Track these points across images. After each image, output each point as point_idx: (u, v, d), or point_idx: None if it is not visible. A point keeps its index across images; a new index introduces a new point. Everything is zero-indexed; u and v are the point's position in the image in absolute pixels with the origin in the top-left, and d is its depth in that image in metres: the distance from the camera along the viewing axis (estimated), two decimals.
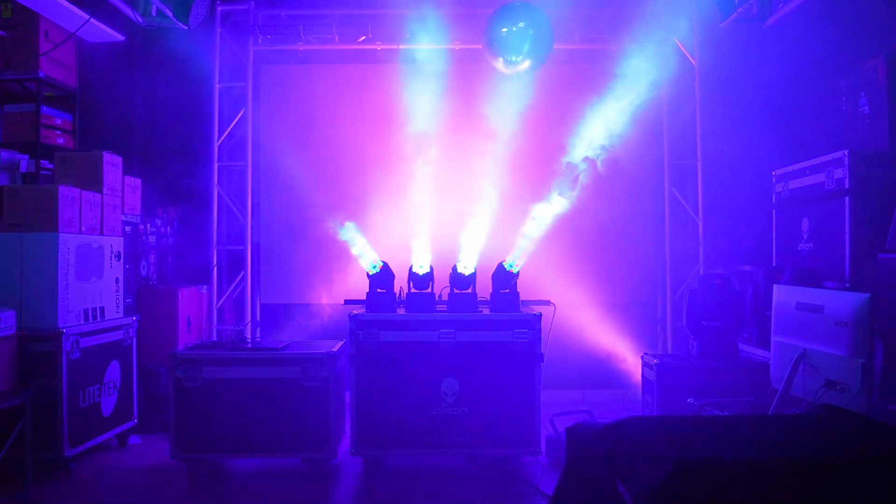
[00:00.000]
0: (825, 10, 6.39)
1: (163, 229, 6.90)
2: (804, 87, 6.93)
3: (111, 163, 5.87)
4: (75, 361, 5.15)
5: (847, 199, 4.79)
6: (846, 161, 4.80)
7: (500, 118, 6.93)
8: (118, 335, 5.75)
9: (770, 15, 6.36)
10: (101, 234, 5.67)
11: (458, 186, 6.68)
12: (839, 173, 4.89)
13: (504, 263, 5.42)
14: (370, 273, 5.42)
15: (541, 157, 6.91)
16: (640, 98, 7.21)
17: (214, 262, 7.14)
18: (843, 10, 6.22)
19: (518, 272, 5.41)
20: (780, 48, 6.98)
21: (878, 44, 5.52)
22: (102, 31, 6.52)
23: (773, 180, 5.89)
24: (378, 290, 5.39)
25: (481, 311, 5.29)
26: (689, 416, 3.91)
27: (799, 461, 2.17)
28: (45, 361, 5.01)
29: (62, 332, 5.03)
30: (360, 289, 5.48)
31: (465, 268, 5.38)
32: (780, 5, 6.21)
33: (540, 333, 5.14)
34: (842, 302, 3.31)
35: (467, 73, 7.02)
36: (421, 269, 5.39)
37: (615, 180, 7.09)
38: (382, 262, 5.46)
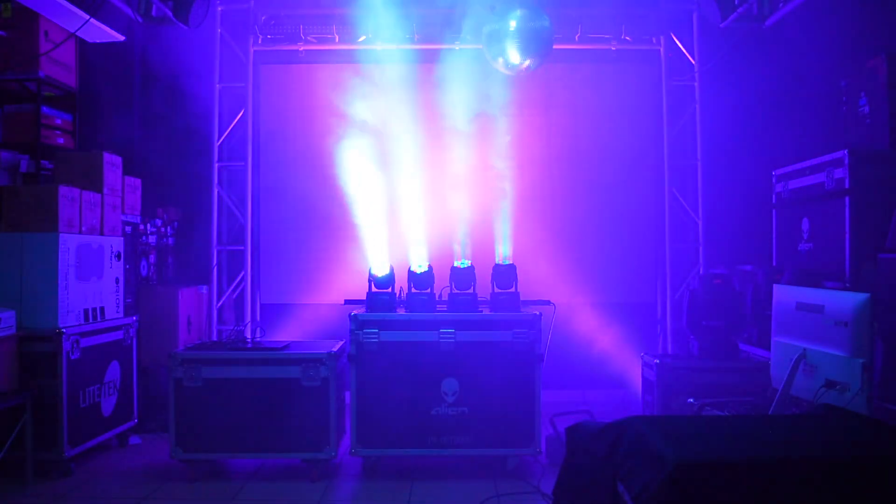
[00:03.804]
0: (825, 10, 6.39)
1: (163, 229, 6.90)
2: (804, 87, 6.92)
3: (111, 163, 5.87)
4: (75, 361, 5.15)
5: (847, 198, 4.78)
6: (846, 161, 4.79)
7: (501, 117, 6.92)
8: (118, 335, 5.75)
9: (770, 15, 6.37)
10: (102, 234, 5.67)
11: (460, 184, 6.67)
12: (839, 173, 4.88)
13: (503, 261, 5.42)
14: (374, 274, 5.40)
15: (541, 155, 6.93)
16: (640, 97, 7.24)
17: (215, 262, 7.14)
18: (843, 9, 6.21)
19: (516, 271, 5.40)
20: (780, 48, 6.97)
21: (879, 43, 5.51)
22: (102, 32, 6.51)
23: (774, 180, 5.88)
24: (378, 289, 5.39)
25: (481, 311, 5.28)
26: (690, 416, 3.91)
27: (799, 461, 2.17)
28: (45, 361, 5.01)
29: (62, 332, 5.03)
30: (361, 289, 5.48)
31: (463, 262, 5.36)
32: (780, 5, 6.21)
33: (540, 333, 5.14)
34: (842, 302, 3.30)
35: (468, 73, 7.01)
36: (420, 268, 5.39)
37: (615, 180, 7.12)
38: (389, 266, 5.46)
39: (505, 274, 5.40)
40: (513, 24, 5.83)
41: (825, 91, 6.20)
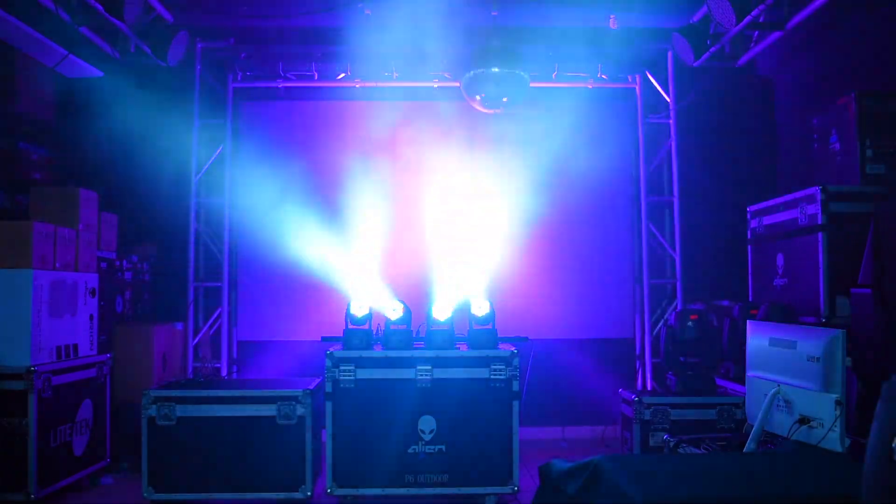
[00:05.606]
0: (796, 49, 6.52)
1: (139, 265, 6.85)
2: (778, 124, 7.04)
3: (87, 198, 5.83)
4: (47, 399, 5.06)
5: (820, 234, 4.84)
6: (819, 197, 4.86)
7: (479, 153, 6.99)
8: (91, 373, 5.67)
9: (742, 55, 6.48)
10: (76, 270, 5.61)
11: (439, 220, 6.73)
12: (812, 209, 4.95)
13: (482, 299, 5.40)
14: (351, 311, 5.36)
15: (519, 190, 6.96)
16: (617, 134, 7.32)
17: (192, 299, 7.08)
18: (813, 49, 6.35)
19: (494, 308, 5.38)
20: (753, 86, 7.11)
21: (849, 82, 5.62)
22: (81, 67, 6.52)
23: (749, 216, 5.95)
24: (355, 326, 5.35)
25: (458, 348, 5.26)
26: (662, 454, 3.89)
27: (766, 500, 2.16)
28: (15, 399, 4.91)
29: (34, 369, 4.95)
30: (338, 325, 5.44)
31: (442, 311, 5.32)
32: (751, 45, 6.32)
33: (517, 370, 5.12)
34: (814, 337, 3.31)
35: (446, 111, 7.08)
36: (394, 312, 5.34)
37: (593, 216, 7.16)
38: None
39: (482, 310, 5.38)
40: (488, 67, 5.88)
41: (797, 128, 6.30)
